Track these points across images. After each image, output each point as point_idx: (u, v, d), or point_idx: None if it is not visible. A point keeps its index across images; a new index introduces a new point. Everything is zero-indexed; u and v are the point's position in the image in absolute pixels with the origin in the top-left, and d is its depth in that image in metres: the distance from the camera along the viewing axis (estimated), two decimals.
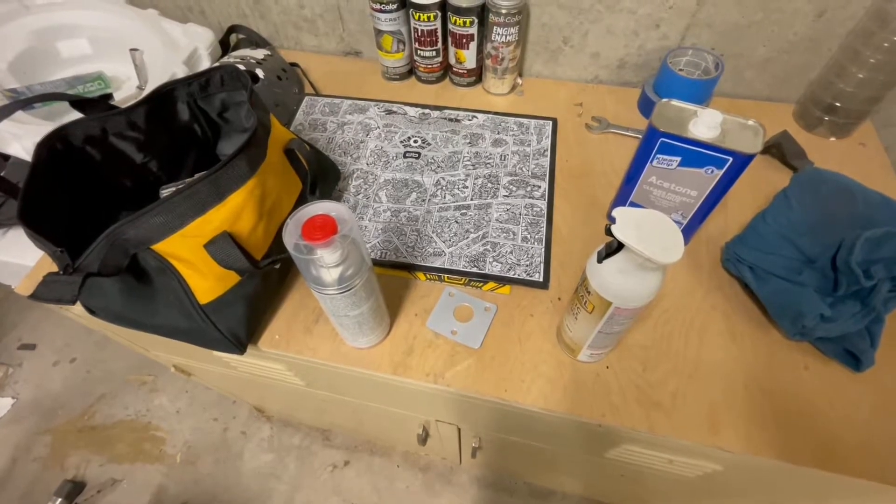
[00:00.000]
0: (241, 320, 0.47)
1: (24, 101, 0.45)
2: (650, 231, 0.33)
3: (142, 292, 0.44)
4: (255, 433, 1.28)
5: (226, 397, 1.32)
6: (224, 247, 0.41)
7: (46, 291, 0.36)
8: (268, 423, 1.29)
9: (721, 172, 0.45)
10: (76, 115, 0.47)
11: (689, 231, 0.53)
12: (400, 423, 0.80)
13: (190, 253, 0.41)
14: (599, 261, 0.36)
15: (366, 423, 0.96)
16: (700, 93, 0.63)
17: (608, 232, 0.33)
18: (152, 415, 1.32)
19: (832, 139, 0.66)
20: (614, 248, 0.35)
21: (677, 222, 0.52)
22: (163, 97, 0.50)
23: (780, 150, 0.62)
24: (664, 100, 0.46)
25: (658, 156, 0.46)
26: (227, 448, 1.26)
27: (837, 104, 0.63)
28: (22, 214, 0.38)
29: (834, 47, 0.63)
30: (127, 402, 1.34)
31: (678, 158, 0.46)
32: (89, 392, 1.36)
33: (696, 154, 0.44)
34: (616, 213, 0.33)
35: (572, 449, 0.65)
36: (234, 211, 0.42)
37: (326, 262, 0.36)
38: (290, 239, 0.35)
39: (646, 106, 0.69)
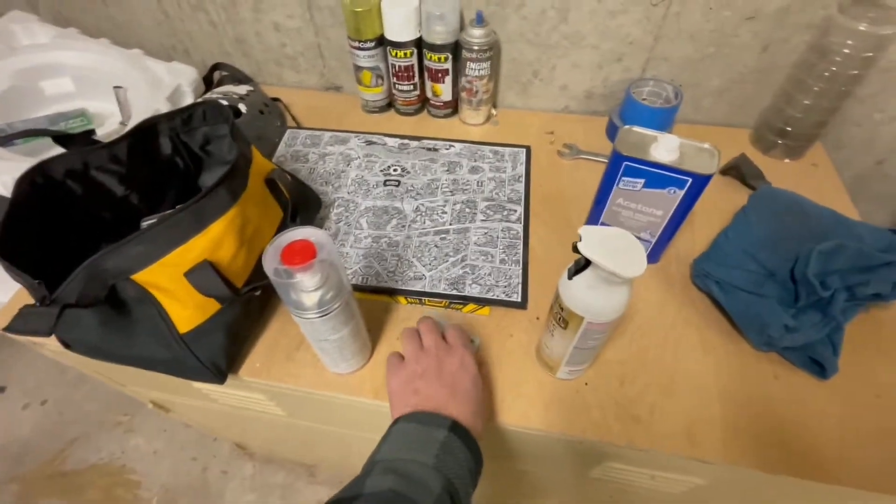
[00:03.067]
0: (220, 349, 0.47)
1: (3, 138, 0.46)
2: (614, 247, 0.35)
3: (119, 323, 0.43)
4: (237, 472, 1.23)
5: (206, 435, 1.27)
6: (204, 274, 0.41)
7: (22, 323, 0.36)
8: (250, 461, 1.24)
9: (682, 192, 0.47)
10: (57, 151, 0.47)
11: (658, 249, 0.56)
12: None
13: (170, 281, 0.41)
14: (570, 277, 0.38)
15: (352, 456, 0.94)
16: (663, 120, 0.67)
17: (575, 249, 0.35)
18: (127, 457, 1.26)
19: (786, 161, 0.70)
20: (582, 264, 0.36)
21: (646, 241, 0.54)
22: (145, 131, 0.52)
23: (740, 171, 0.66)
24: (626, 126, 0.49)
25: (623, 178, 0.49)
26: (207, 489, 1.20)
27: (788, 128, 0.67)
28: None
29: (781, 77, 0.68)
30: (101, 444, 1.28)
31: (642, 180, 0.48)
32: (61, 436, 1.29)
33: (657, 176, 0.47)
34: (582, 231, 0.35)
35: (556, 470, 0.64)
36: (215, 239, 0.43)
37: (306, 287, 0.37)
38: (270, 264, 0.35)
39: (613, 133, 0.73)
